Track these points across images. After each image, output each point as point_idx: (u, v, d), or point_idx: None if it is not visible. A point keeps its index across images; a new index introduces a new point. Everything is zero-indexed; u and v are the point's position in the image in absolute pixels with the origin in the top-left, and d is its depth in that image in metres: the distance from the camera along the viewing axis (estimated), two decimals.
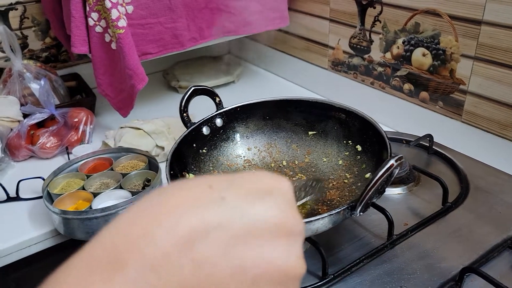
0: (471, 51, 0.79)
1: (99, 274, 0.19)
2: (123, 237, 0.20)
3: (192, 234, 0.20)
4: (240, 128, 0.69)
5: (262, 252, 0.21)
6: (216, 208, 0.21)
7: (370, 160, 0.62)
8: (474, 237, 0.61)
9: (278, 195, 0.23)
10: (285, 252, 0.22)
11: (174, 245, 0.20)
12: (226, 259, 0.21)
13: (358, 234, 0.63)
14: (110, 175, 0.80)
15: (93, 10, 0.85)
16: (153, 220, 0.21)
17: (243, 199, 0.22)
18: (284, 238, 0.22)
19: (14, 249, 0.74)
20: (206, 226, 0.21)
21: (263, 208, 0.22)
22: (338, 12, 1.03)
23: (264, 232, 0.22)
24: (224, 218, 0.21)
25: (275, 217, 0.22)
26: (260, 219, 0.22)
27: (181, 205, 0.21)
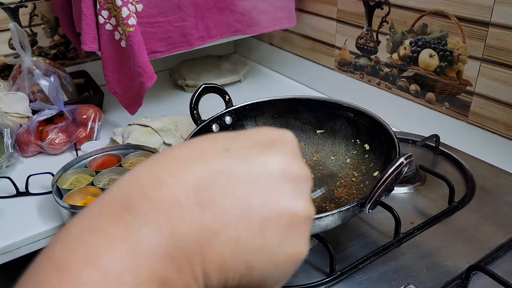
0: (479, 52, 0.79)
1: (109, 216, 0.20)
2: (131, 184, 0.21)
3: (198, 179, 0.21)
4: (249, 126, 0.70)
5: (268, 194, 0.22)
6: (221, 156, 0.22)
7: (378, 158, 0.62)
8: (480, 237, 0.62)
9: (282, 145, 0.24)
10: (292, 195, 0.22)
11: (181, 189, 0.20)
12: (232, 201, 0.21)
13: (365, 232, 0.64)
14: (118, 171, 0.81)
15: (104, 8, 0.86)
16: (160, 169, 0.21)
17: (247, 149, 0.23)
18: (290, 183, 0.23)
19: (24, 243, 0.75)
20: (213, 171, 0.21)
21: (268, 156, 0.23)
22: (345, 13, 1.04)
23: (270, 177, 0.22)
24: (228, 165, 0.22)
25: (279, 164, 0.23)
26: (265, 166, 0.22)
27: (187, 155, 0.22)
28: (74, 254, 0.19)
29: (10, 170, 0.90)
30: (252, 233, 0.21)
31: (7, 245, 0.73)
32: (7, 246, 0.73)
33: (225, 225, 0.20)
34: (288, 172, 0.23)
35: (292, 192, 0.22)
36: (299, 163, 0.24)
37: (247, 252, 0.21)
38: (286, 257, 0.22)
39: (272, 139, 0.24)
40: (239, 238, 0.21)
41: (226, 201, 0.21)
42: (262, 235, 0.21)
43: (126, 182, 0.21)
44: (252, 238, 0.21)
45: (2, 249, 0.73)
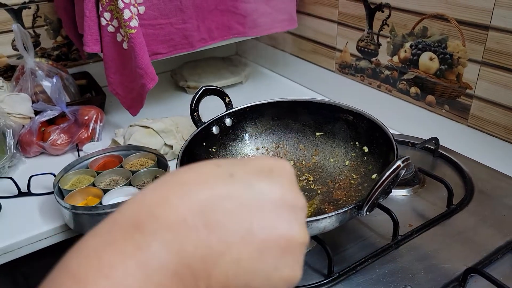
0: (478, 56, 0.79)
1: (121, 233, 0.21)
2: (141, 205, 0.22)
3: (204, 201, 0.22)
4: (249, 128, 0.71)
5: (268, 220, 0.23)
6: (225, 182, 0.24)
7: (376, 161, 0.63)
8: (478, 239, 0.62)
9: (281, 174, 0.26)
10: (289, 222, 0.24)
11: (188, 211, 0.22)
12: (235, 224, 0.22)
13: (363, 234, 0.64)
14: (119, 172, 0.82)
15: (106, 10, 0.87)
16: (168, 191, 0.23)
17: (249, 176, 0.24)
18: (286, 210, 0.24)
19: (25, 243, 0.75)
20: (217, 195, 0.23)
21: (267, 184, 0.24)
22: (346, 15, 1.04)
23: (269, 204, 0.24)
24: (232, 190, 0.23)
25: (278, 192, 0.24)
26: (265, 193, 0.24)
27: (193, 179, 0.24)
28: (90, 267, 0.20)
29: (12, 170, 0.91)
30: (252, 255, 0.22)
31: (8, 245, 0.74)
32: (8, 246, 0.74)
33: (229, 246, 0.22)
34: (285, 200, 0.24)
35: (289, 219, 0.24)
36: (295, 192, 0.26)
37: (248, 273, 0.23)
38: (282, 280, 0.24)
39: (271, 168, 0.26)
40: (241, 259, 0.22)
41: (230, 223, 0.22)
42: (261, 257, 0.23)
43: (136, 202, 0.23)
44: (252, 260, 0.22)
45: (4, 248, 0.74)
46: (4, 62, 1.14)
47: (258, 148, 0.71)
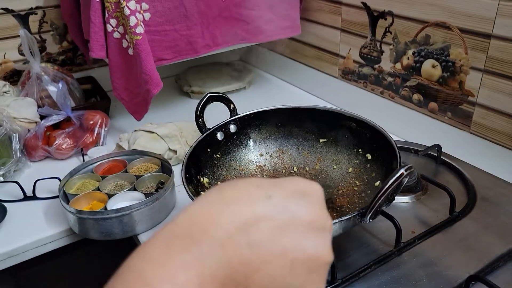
0: (481, 64, 0.80)
1: (180, 244, 0.25)
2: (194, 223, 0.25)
3: (247, 221, 0.25)
4: (253, 134, 0.71)
5: (298, 241, 0.26)
6: (265, 203, 0.26)
7: (379, 168, 0.63)
8: (480, 247, 0.63)
9: (312, 197, 0.28)
10: (316, 243, 0.27)
11: (235, 229, 0.25)
12: (272, 244, 0.25)
13: (366, 241, 0.65)
14: (124, 177, 0.82)
15: (112, 17, 0.88)
16: (216, 211, 0.26)
17: (285, 198, 0.27)
18: (315, 232, 0.27)
19: (30, 247, 0.76)
20: (258, 215, 0.26)
21: (300, 207, 0.27)
22: (349, 23, 1.05)
23: (300, 226, 0.27)
24: (270, 212, 0.26)
25: (309, 215, 0.27)
26: (297, 216, 0.27)
27: (237, 200, 0.26)
28: (157, 271, 0.23)
29: (18, 174, 0.92)
30: (284, 272, 0.25)
31: (14, 249, 0.74)
32: (14, 250, 0.74)
33: (265, 263, 0.25)
34: (315, 222, 0.27)
35: (317, 240, 0.27)
36: (324, 215, 0.28)
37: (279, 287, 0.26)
38: None
39: (305, 191, 0.28)
40: (275, 275, 0.25)
41: (267, 243, 0.25)
42: (292, 273, 0.26)
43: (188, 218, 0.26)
44: (284, 276, 0.25)
45: (9, 252, 0.74)
46: (10, 67, 1.16)
47: (262, 154, 0.72)
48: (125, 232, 0.73)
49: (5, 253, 0.74)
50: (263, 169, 0.71)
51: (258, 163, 0.71)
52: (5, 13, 1.11)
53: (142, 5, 0.89)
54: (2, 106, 0.95)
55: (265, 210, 0.26)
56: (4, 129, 0.89)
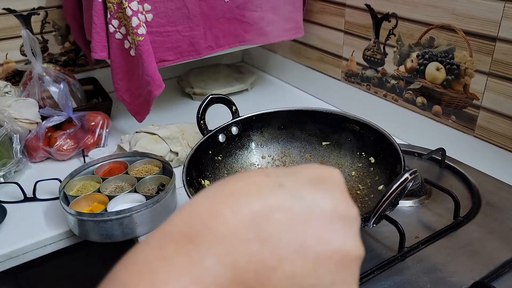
0: (485, 67, 0.79)
1: (173, 246, 0.21)
2: (193, 217, 0.22)
3: (256, 214, 0.21)
4: (255, 137, 0.70)
5: (322, 232, 0.22)
6: (277, 192, 0.22)
7: (383, 172, 0.62)
8: (485, 252, 0.62)
9: (331, 183, 0.24)
10: (342, 235, 0.23)
11: (240, 223, 0.21)
12: (288, 237, 0.21)
13: (369, 245, 0.64)
14: (125, 178, 0.82)
15: (114, 17, 0.87)
16: (219, 202, 0.22)
17: (300, 186, 0.23)
18: (340, 222, 0.23)
19: (30, 249, 0.75)
20: (269, 206, 0.22)
21: (319, 195, 0.23)
22: (353, 25, 1.05)
23: (322, 216, 0.22)
24: (284, 200, 0.22)
25: (330, 202, 0.23)
26: (317, 204, 0.23)
27: (244, 190, 0.23)
28: (143, 281, 0.19)
29: (18, 175, 0.91)
30: (307, 270, 0.21)
31: (13, 250, 0.74)
32: (13, 251, 0.74)
33: (282, 261, 0.21)
34: (338, 210, 0.23)
35: (343, 231, 0.23)
36: (348, 202, 0.24)
37: None
38: None
39: (321, 177, 0.24)
40: (295, 275, 0.21)
41: (283, 236, 0.21)
42: (316, 272, 0.21)
43: (187, 213, 0.22)
44: (307, 275, 0.21)
45: (9, 254, 0.74)
46: (12, 68, 1.15)
47: (264, 157, 0.71)
48: (125, 234, 0.73)
49: (5, 254, 0.73)
50: None
51: (260, 165, 0.71)
52: (7, 13, 1.10)
53: (145, 6, 0.89)
54: (3, 107, 0.94)
55: (278, 200, 0.22)
56: (5, 130, 0.89)
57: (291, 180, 0.23)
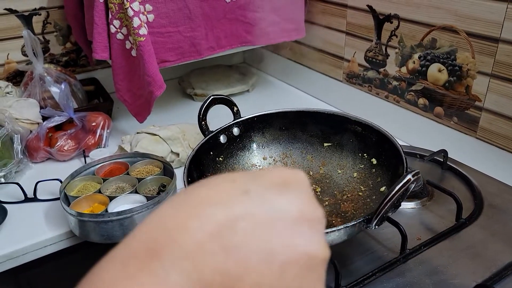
0: (488, 68, 0.79)
1: (138, 263, 0.20)
2: (157, 230, 0.21)
3: (221, 223, 0.21)
4: (256, 138, 0.70)
5: (287, 237, 0.22)
6: (242, 199, 0.22)
7: (385, 173, 0.62)
8: (488, 255, 0.61)
9: (297, 186, 0.24)
10: (308, 238, 0.23)
11: (206, 234, 0.21)
12: (254, 245, 0.21)
13: (371, 247, 0.64)
14: (126, 179, 0.82)
15: (115, 18, 0.87)
16: (185, 213, 0.22)
17: (265, 191, 0.23)
18: (305, 225, 0.23)
19: (30, 249, 0.75)
20: (234, 215, 0.22)
21: (284, 199, 0.23)
22: (354, 26, 1.04)
23: (287, 221, 0.23)
24: (249, 208, 0.22)
25: (296, 206, 0.23)
26: (282, 209, 0.23)
27: (210, 198, 0.22)
28: None
29: (19, 175, 0.91)
30: (273, 277, 0.21)
31: (13, 251, 0.74)
32: (13, 252, 0.74)
33: (248, 270, 0.21)
34: (304, 214, 0.23)
35: (308, 234, 0.23)
36: (313, 204, 0.24)
37: None
38: None
39: (286, 180, 0.25)
40: (262, 282, 0.21)
41: (248, 245, 0.21)
42: (283, 278, 0.21)
43: (152, 226, 0.22)
44: (273, 282, 0.21)
45: (9, 254, 0.73)
46: (13, 68, 1.15)
47: (265, 158, 0.71)
48: (126, 235, 0.72)
49: (5, 255, 0.73)
50: None
51: (261, 167, 0.70)
52: (9, 13, 1.10)
53: (146, 7, 0.89)
54: (4, 107, 0.94)
55: (243, 208, 0.22)
56: (6, 130, 0.88)
57: (256, 185, 0.24)
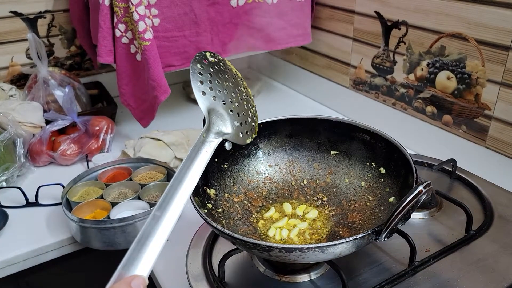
0: (498, 76, 0.78)
1: None
2: None
3: None
4: (262, 145, 0.69)
5: None
6: None
7: (394, 183, 0.61)
8: (499, 268, 0.60)
9: None
10: None
11: None
12: None
13: (378, 258, 0.62)
14: (128, 185, 0.81)
15: (121, 22, 0.86)
16: None
17: None
18: None
19: (30, 255, 0.74)
20: None
21: None
22: (361, 32, 1.03)
23: None
24: None
25: None
26: None
27: None
28: None
29: (21, 179, 0.90)
30: None
31: (14, 256, 0.73)
32: (14, 258, 0.73)
33: None
34: None
35: None
36: None
37: None
38: None
39: None
40: None
41: None
42: None
43: None
44: None
45: (9, 260, 0.72)
46: (17, 71, 1.15)
47: (271, 166, 0.69)
48: (128, 242, 0.71)
49: (5, 260, 0.72)
50: (272, 181, 0.69)
51: (267, 174, 0.69)
52: (14, 16, 1.10)
53: (152, 11, 0.88)
54: (8, 110, 0.93)
55: None
56: (9, 133, 0.88)
57: None
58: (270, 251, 0.47)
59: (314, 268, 0.60)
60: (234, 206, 0.64)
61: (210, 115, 0.52)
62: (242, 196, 0.66)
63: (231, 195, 0.65)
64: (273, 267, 0.60)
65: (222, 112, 0.52)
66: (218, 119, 0.52)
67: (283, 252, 0.47)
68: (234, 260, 0.62)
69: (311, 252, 0.46)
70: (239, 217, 0.63)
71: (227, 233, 0.49)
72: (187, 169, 0.45)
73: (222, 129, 0.52)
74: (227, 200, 0.64)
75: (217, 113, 0.52)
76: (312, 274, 0.59)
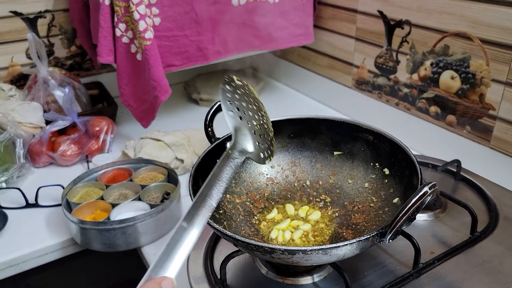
0: (503, 76, 0.77)
1: None
2: None
3: None
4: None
5: None
6: None
7: (398, 184, 0.60)
8: (504, 270, 0.59)
9: None
10: None
11: None
12: None
13: (382, 260, 0.61)
14: (129, 186, 0.80)
15: (121, 21, 0.86)
16: None
17: None
18: None
19: (30, 257, 0.74)
20: None
21: None
22: (364, 31, 1.02)
23: None
24: None
25: None
26: None
27: None
28: None
29: (21, 180, 0.89)
30: None
31: (13, 258, 0.72)
32: (13, 259, 0.72)
33: None
34: None
35: None
36: None
37: None
38: None
39: None
40: None
41: None
42: None
43: None
44: None
45: (8, 262, 0.72)
46: (17, 71, 1.14)
47: (273, 167, 0.69)
48: (128, 244, 0.71)
49: (4, 262, 0.72)
50: (274, 181, 0.68)
51: (269, 175, 0.68)
52: (14, 16, 1.09)
53: (152, 10, 0.87)
54: (7, 110, 0.93)
55: None
56: (8, 134, 0.87)
57: None
58: (272, 253, 0.46)
59: (317, 270, 0.59)
60: (236, 207, 0.63)
61: (236, 133, 0.54)
62: (244, 197, 0.65)
63: (232, 196, 0.64)
64: (275, 269, 0.59)
65: (246, 132, 0.55)
66: (243, 138, 0.54)
67: (286, 254, 0.46)
68: (236, 262, 0.61)
69: (314, 254, 0.46)
70: (241, 218, 0.62)
71: (229, 235, 0.48)
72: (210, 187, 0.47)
73: (246, 148, 0.54)
74: (229, 201, 0.63)
75: (242, 132, 0.54)
76: (315, 276, 0.58)
